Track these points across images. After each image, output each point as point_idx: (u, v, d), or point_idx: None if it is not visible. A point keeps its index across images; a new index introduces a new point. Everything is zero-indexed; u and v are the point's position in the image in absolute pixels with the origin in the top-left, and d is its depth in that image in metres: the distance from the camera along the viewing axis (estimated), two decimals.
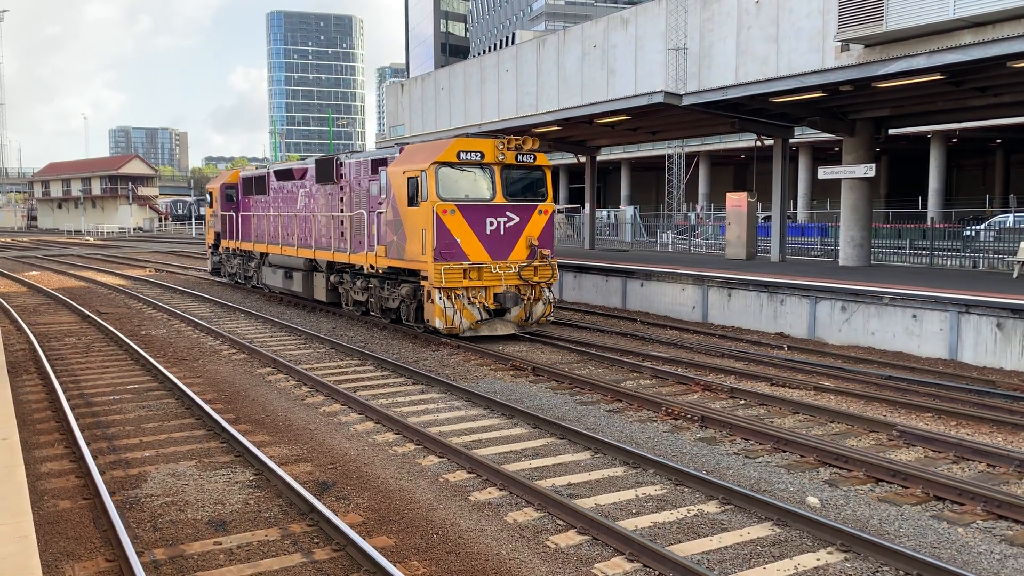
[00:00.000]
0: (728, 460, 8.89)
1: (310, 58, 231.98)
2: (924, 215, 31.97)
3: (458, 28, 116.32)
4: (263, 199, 24.13)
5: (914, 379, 12.57)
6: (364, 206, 18.04)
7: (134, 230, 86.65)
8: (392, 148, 18.17)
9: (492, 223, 15.81)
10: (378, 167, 17.47)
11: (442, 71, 68.22)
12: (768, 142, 23.74)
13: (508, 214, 15.97)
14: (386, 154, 17.58)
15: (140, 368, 13.79)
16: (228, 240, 27.01)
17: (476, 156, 15.70)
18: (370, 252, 17.62)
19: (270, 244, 23.44)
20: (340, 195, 19.28)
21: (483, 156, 15.74)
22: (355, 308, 19.21)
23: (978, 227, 26.90)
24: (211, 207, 28.42)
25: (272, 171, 23.57)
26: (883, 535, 6.89)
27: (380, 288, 17.86)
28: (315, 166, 20.50)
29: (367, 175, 18.01)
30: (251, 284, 25.97)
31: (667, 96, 20.10)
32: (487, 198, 15.86)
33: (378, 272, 17.59)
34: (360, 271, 18.53)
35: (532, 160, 16.22)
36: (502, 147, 15.77)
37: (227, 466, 8.66)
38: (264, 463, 8.34)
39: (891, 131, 23.66)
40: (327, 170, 19.70)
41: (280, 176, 22.82)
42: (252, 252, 25.28)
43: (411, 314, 16.68)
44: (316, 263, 20.78)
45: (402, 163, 16.48)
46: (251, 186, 25.10)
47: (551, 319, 16.96)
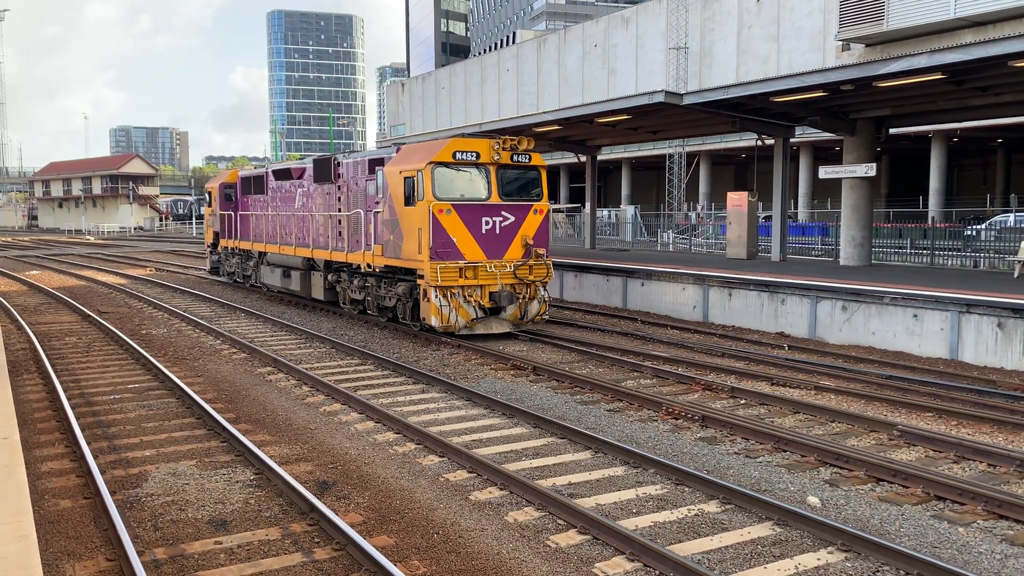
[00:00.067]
0: (729, 460, 8.89)
1: (311, 57, 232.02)
2: (925, 215, 31.96)
3: (459, 27, 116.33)
4: (262, 198, 24.16)
5: (915, 379, 12.56)
6: (361, 205, 18.09)
7: (135, 229, 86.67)
8: (389, 148, 18.24)
9: (488, 222, 15.89)
10: (375, 167, 17.53)
11: (443, 70, 68.18)
12: (769, 141, 23.73)
13: (503, 213, 16.04)
14: (383, 154, 17.64)
15: (141, 367, 13.80)
16: (227, 239, 27.04)
17: (472, 156, 15.77)
18: (367, 251, 17.68)
19: (268, 243, 23.47)
20: (338, 195, 19.33)
21: (479, 156, 15.82)
22: (352, 307, 19.24)
23: (979, 227, 26.90)
24: (210, 206, 28.46)
25: (270, 171, 23.61)
26: (884, 535, 6.89)
27: (377, 287, 17.90)
28: (313, 166, 20.55)
29: (364, 175, 18.07)
30: (249, 283, 26.00)
31: (668, 95, 20.10)
32: (483, 198, 15.92)
33: (375, 271, 17.65)
34: (357, 270, 18.59)
35: (527, 160, 16.28)
36: (498, 147, 15.83)
37: (228, 465, 8.66)
38: (264, 462, 8.34)
39: (892, 130, 23.68)
40: (325, 170, 19.75)
41: (278, 176, 22.86)
42: (251, 251, 25.32)
43: (407, 312, 16.72)
44: (314, 262, 20.81)
45: (399, 163, 16.53)
46: (250, 186, 25.15)
47: (546, 317, 17.02)
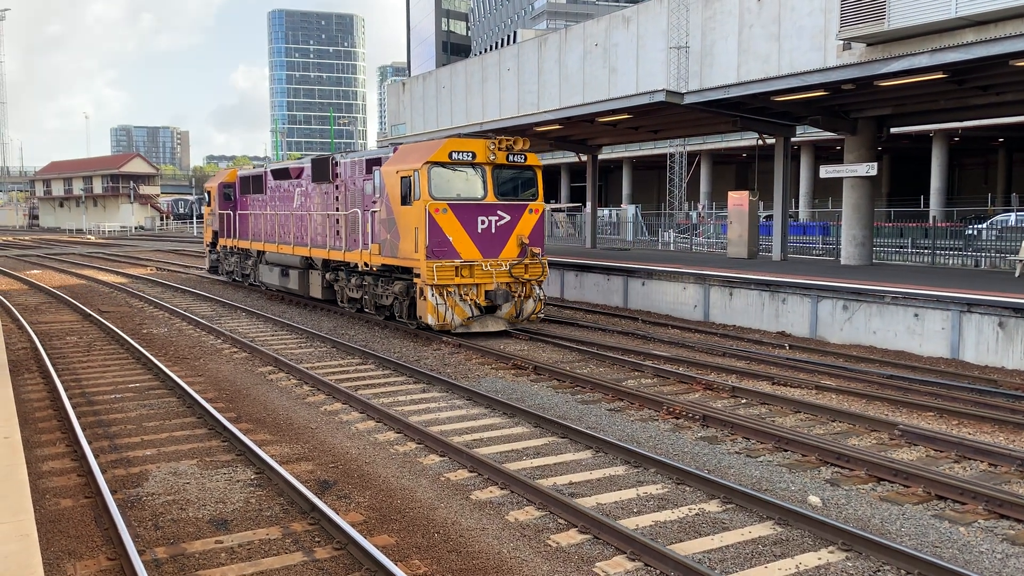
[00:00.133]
0: (729, 459, 8.89)
1: (312, 57, 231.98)
2: (926, 214, 31.90)
3: (459, 27, 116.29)
4: (260, 198, 24.26)
5: (916, 378, 12.56)
6: (359, 205, 18.19)
7: (135, 229, 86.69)
8: (386, 148, 18.40)
9: (483, 222, 16.00)
10: (372, 167, 17.65)
11: (443, 70, 68.18)
12: (770, 141, 23.72)
13: (499, 213, 16.15)
14: (380, 154, 17.79)
15: (141, 367, 13.80)
16: (226, 238, 27.10)
17: (468, 156, 15.88)
18: (364, 250, 17.78)
19: (267, 242, 23.57)
20: (335, 194, 19.45)
21: (475, 156, 15.94)
22: (350, 305, 19.37)
23: (980, 226, 26.87)
24: (209, 206, 28.56)
25: (269, 170, 23.72)
26: (885, 534, 6.88)
27: (374, 285, 18.00)
28: (311, 166, 20.67)
29: (362, 175, 18.19)
30: (248, 282, 26.09)
31: (669, 95, 20.08)
32: (479, 197, 16.02)
33: (372, 270, 17.77)
34: (355, 269, 18.71)
35: (523, 160, 16.41)
36: (493, 147, 15.95)
37: (228, 465, 8.67)
38: (265, 462, 8.34)
39: (893, 130, 23.65)
40: (323, 169, 19.86)
41: (277, 175, 22.96)
42: (249, 250, 25.39)
43: (404, 311, 16.84)
44: (312, 261, 20.91)
45: (396, 163, 16.64)
46: (248, 185, 25.25)
47: (541, 316, 17.11)
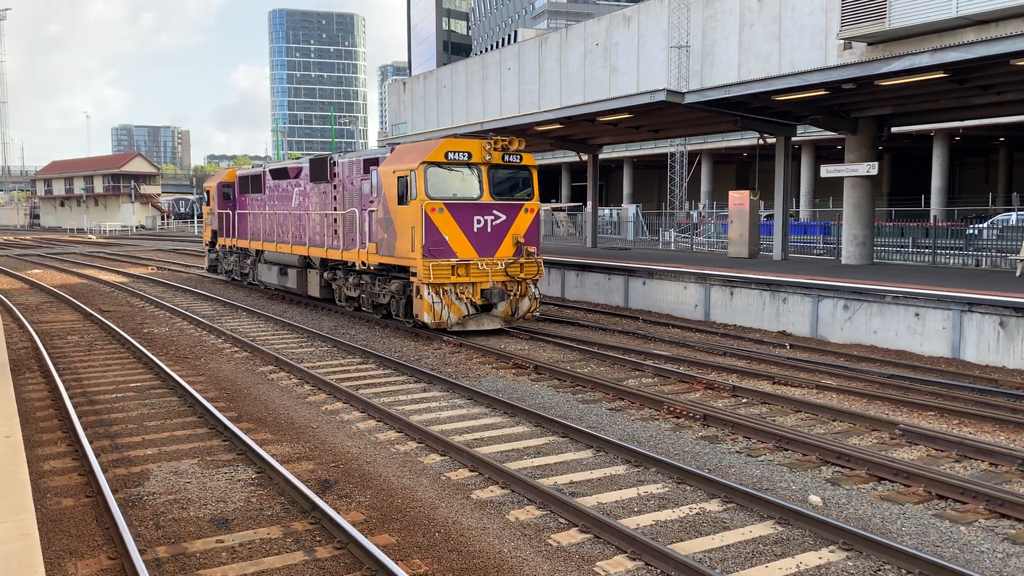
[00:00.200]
0: (730, 458, 8.89)
1: (312, 56, 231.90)
2: (927, 213, 31.91)
3: (460, 26, 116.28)
4: (259, 197, 24.38)
5: (916, 378, 12.56)
6: (356, 204, 18.29)
7: (136, 228, 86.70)
8: (384, 148, 18.54)
9: (479, 221, 16.09)
10: (370, 167, 17.76)
11: (444, 69, 68.18)
12: (770, 140, 23.71)
13: (495, 212, 16.25)
14: (377, 154, 17.93)
15: (142, 366, 13.81)
16: (224, 237, 27.19)
17: (464, 156, 15.99)
18: (362, 249, 17.89)
19: (265, 241, 23.68)
20: (333, 194, 19.56)
21: (471, 156, 16.04)
22: (348, 304, 19.50)
23: (981, 225, 26.86)
24: (208, 205, 28.65)
25: (268, 170, 23.85)
26: (885, 534, 6.88)
27: (371, 284, 18.12)
28: (309, 165, 20.80)
29: (359, 174, 18.30)
30: (247, 281, 26.18)
31: (669, 94, 20.08)
32: (474, 197, 16.12)
33: (369, 268, 17.88)
34: (352, 268, 18.83)
35: (518, 160, 16.52)
36: (489, 147, 16.06)
37: (229, 464, 8.67)
38: (266, 461, 8.35)
39: (894, 129, 23.64)
40: (321, 169, 19.98)
41: (276, 175, 23.08)
42: (248, 249, 25.49)
43: (401, 309, 16.94)
44: (310, 260, 21.01)
45: (393, 163, 16.75)
46: (247, 185, 25.36)
47: (537, 314, 17.27)
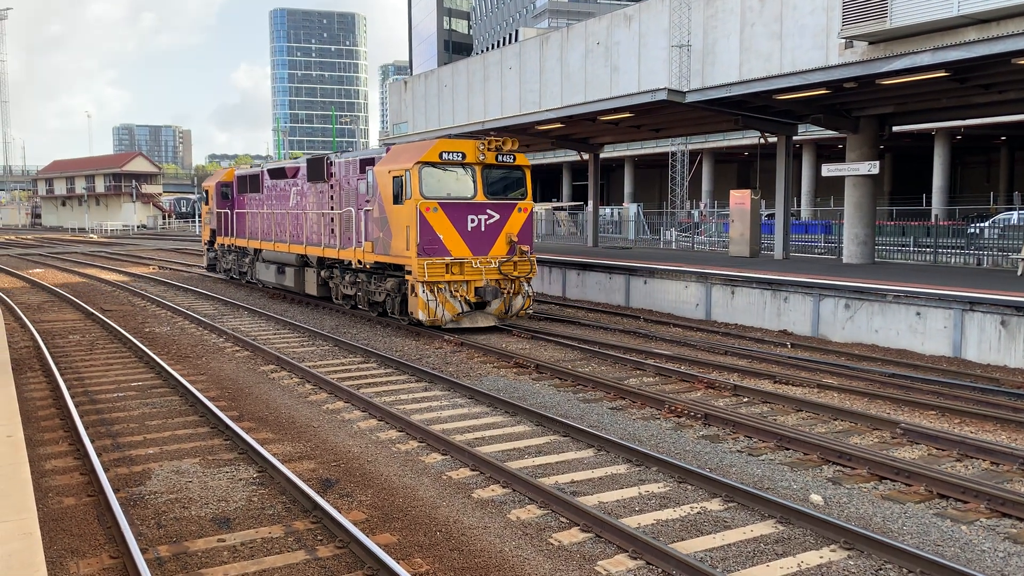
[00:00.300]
0: (731, 458, 8.89)
1: (313, 55, 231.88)
2: (928, 212, 31.88)
3: (461, 25, 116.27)
4: (257, 197, 24.54)
5: (918, 377, 12.55)
6: (353, 204, 18.44)
7: (138, 228, 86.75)
8: (380, 148, 18.75)
9: (473, 220, 16.28)
10: (366, 167, 17.93)
11: (445, 68, 68.18)
12: (772, 139, 23.70)
13: (489, 212, 16.44)
14: (373, 154, 18.12)
15: (144, 365, 13.82)
16: (223, 237, 27.30)
17: (458, 156, 16.17)
18: (358, 248, 18.04)
19: (263, 240, 23.82)
20: (330, 193, 19.72)
21: (464, 156, 16.22)
22: (344, 302, 19.71)
23: (982, 224, 26.84)
24: (207, 204, 28.75)
25: (266, 170, 24.03)
26: (886, 533, 6.89)
27: (367, 282, 18.28)
28: (307, 165, 20.97)
29: (355, 174, 18.47)
30: (245, 279, 26.31)
31: (670, 93, 20.08)
32: (468, 196, 16.29)
33: (365, 267, 18.06)
34: (349, 266, 19.01)
35: (512, 160, 16.71)
36: (483, 147, 16.24)
37: (231, 463, 8.68)
38: (268, 460, 8.35)
39: (895, 128, 23.63)
40: (318, 169, 20.14)
41: (274, 175, 23.24)
42: (246, 248, 25.63)
43: (396, 307, 17.10)
44: (307, 259, 21.17)
45: (388, 163, 16.91)
46: (246, 184, 25.53)
47: (530, 312, 17.54)
